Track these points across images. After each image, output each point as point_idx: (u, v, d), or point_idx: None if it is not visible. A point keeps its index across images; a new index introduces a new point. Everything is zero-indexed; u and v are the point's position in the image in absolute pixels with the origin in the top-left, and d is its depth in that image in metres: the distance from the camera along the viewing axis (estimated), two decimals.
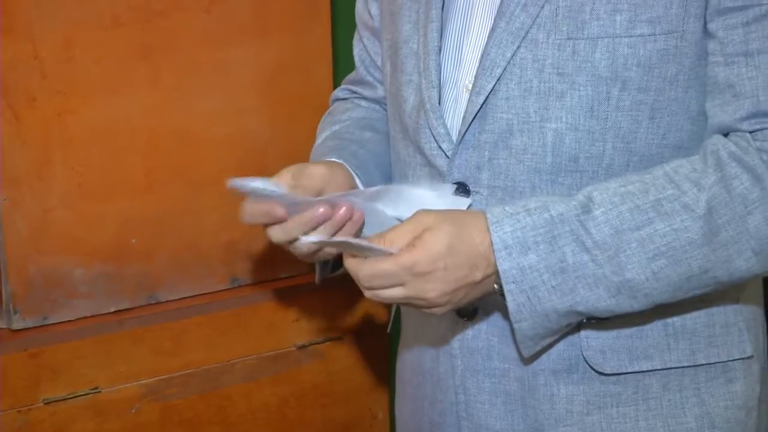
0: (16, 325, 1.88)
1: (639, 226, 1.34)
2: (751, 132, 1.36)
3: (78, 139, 1.89)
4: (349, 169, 1.55)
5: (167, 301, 2.01)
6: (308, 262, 1.55)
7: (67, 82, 1.87)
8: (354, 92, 1.77)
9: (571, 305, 1.35)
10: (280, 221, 1.43)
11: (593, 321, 1.42)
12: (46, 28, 1.83)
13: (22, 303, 1.88)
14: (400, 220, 1.39)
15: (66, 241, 1.91)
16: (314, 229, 1.42)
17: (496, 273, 1.35)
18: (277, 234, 1.44)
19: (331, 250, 1.47)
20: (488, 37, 1.42)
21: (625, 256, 1.34)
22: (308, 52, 2.06)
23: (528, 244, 1.34)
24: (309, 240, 1.41)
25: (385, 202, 1.45)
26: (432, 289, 1.34)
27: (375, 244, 1.34)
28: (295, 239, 1.44)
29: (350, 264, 1.37)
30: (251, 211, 1.44)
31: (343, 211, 1.41)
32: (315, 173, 1.49)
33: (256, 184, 1.40)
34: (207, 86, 1.98)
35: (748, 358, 1.49)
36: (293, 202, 1.41)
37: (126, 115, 1.92)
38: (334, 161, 1.55)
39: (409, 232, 1.34)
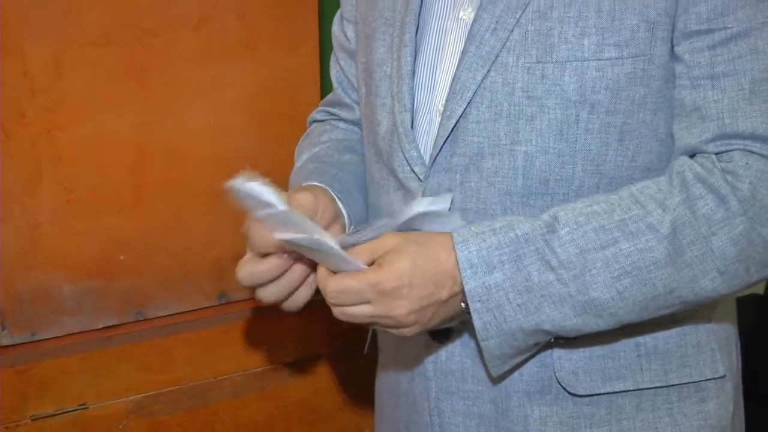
0: (3, 341, 1.91)
1: (604, 245, 1.37)
2: (716, 154, 1.39)
3: (67, 155, 1.92)
4: (332, 193, 1.57)
5: (155, 318, 2.03)
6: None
7: (57, 99, 1.90)
8: (332, 114, 1.79)
9: (537, 324, 1.38)
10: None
11: (561, 341, 1.45)
12: (36, 45, 1.87)
13: (10, 319, 1.91)
14: None
15: (55, 256, 1.94)
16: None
17: (463, 292, 1.38)
18: (268, 296, 1.49)
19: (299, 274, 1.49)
20: (459, 61, 1.45)
21: (590, 275, 1.37)
22: (296, 71, 2.09)
23: (493, 263, 1.37)
24: (283, 237, 1.40)
25: None
26: (398, 307, 1.36)
27: (343, 252, 1.37)
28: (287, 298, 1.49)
29: (320, 276, 1.40)
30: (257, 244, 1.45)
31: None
32: (304, 202, 1.49)
33: (261, 191, 1.37)
34: (196, 104, 2.01)
35: (721, 377, 1.52)
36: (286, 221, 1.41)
37: (115, 132, 1.95)
38: (316, 186, 1.57)
39: (367, 251, 1.38)
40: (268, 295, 1.49)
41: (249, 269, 1.46)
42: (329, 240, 1.38)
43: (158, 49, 1.97)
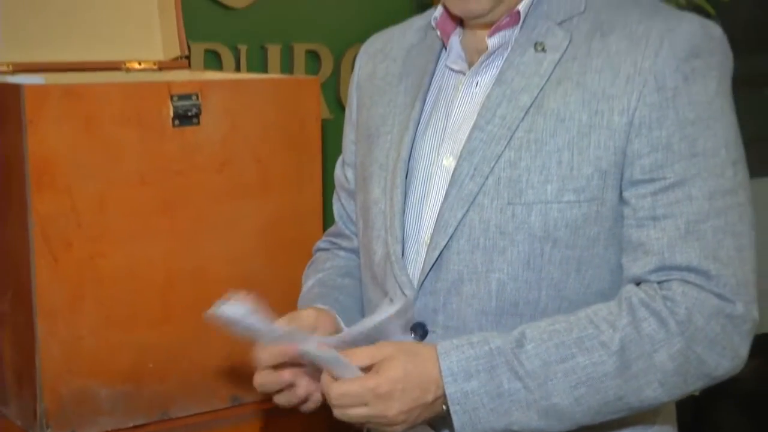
0: None
1: (563, 359, 1.39)
2: (658, 283, 1.42)
3: (107, 278, 1.94)
4: (334, 313, 1.61)
5: (178, 418, 2.04)
6: None
7: (100, 231, 1.93)
8: (334, 243, 1.82)
9: (506, 425, 1.40)
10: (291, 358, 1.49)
11: None
12: (82, 185, 1.90)
13: (53, 418, 1.91)
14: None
15: (93, 365, 1.95)
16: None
17: (444, 395, 1.40)
18: (282, 399, 1.54)
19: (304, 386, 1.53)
20: (442, 202, 1.49)
21: (552, 384, 1.39)
22: (302, 207, 2.12)
23: (471, 372, 1.40)
24: (298, 349, 1.44)
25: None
26: (391, 408, 1.39)
27: (346, 360, 1.40)
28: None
29: (324, 382, 1.42)
30: (261, 357, 1.50)
31: None
32: (307, 316, 1.56)
33: (238, 314, 1.42)
34: (217, 234, 2.04)
35: None
36: (275, 335, 1.46)
37: (148, 258, 1.98)
38: (321, 307, 1.61)
39: (368, 356, 1.40)
40: (281, 401, 1.54)
41: (258, 380, 1.53)
42: (327, 350, 1.42)
43: (186, 188, 2.00)
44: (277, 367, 1.51)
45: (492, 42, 1.52)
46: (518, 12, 1.51)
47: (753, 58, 3.89)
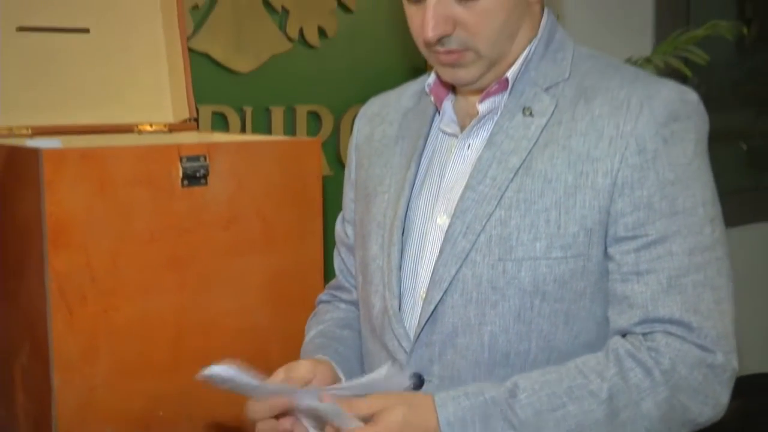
0: None
1: (555, 408, 1.40)
2: (643, 334, 1.43)
3: (120, 330, 1.94)
4: (334, 365, 1.60)
5: None
6: None
7: (113, 286, 1.92)
8: (335, 296, 1.82)
9: None
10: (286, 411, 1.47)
11: None
12: (97, 243, 1.90)
13: None
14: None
15: (107, 413, 1.93)
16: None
17: None
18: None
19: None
20: (437, 258, 1.50)
21: None
22: (304, 262, 2.12)
23: (467, 422, 1.39)
24: (304, 402, 1.43)
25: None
26: None
27: (346, 413, 1.39)
28: None
29: None
30: (256, 409, 1.49)
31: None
32: (303, 367, 1.54)
33: (227, 373, 1.42)
34: (223, 288, 2.04)
35: None
36: (268, 391, 1.45)
37: (158, 311, 1.98)
38: (321, 358, 1.61)
39: (368, 407, 1.39)
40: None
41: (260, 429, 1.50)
42: (334, 406, 1.41)
43: (194, 245, 2.01)
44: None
45: (482, 107, 1.54)
46: (507, 79, 1.53)
47: (729, 115, 3.92)
